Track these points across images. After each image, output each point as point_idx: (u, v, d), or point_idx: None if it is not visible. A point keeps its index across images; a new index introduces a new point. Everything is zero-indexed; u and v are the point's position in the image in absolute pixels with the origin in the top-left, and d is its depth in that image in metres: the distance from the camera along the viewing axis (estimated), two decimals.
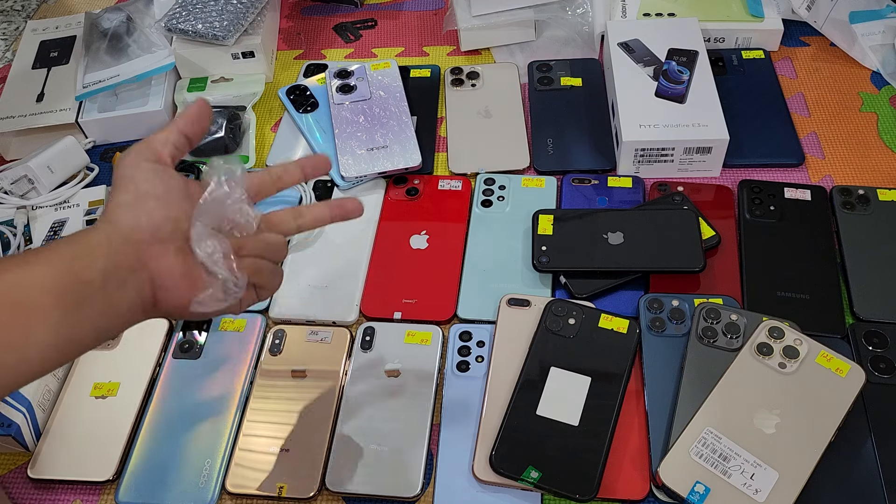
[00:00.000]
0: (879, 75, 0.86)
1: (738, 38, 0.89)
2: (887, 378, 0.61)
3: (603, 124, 0.83)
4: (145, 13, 0.95)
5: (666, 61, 0.81)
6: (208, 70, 0.92)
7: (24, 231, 0.78)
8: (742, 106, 0.82)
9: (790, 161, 0.79)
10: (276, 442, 0.63)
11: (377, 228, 0.77)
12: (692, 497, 0.55)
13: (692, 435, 0.57)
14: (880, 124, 0.82)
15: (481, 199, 0.78)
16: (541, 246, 0.71)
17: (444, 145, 0.84)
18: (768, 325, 0.62)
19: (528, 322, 0.66)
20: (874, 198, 0.73)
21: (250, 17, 0.90)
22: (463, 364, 0.66)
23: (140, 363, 0.68)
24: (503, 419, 0.61)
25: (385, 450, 0.62)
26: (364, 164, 0.79)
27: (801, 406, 0.58)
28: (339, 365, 0.67)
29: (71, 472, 0.62)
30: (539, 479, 0.58)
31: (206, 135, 0.54)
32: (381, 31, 0.99)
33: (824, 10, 0.88)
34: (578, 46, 0.92)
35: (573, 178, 0.78)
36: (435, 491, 0.60)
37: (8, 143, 0.89)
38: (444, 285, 0.71)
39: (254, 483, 0.61)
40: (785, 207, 0.73)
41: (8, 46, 1.06)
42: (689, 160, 0.77)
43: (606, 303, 0.69)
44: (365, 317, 0.71)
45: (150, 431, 0.64)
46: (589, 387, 0.62)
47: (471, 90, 0.88)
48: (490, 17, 0.91)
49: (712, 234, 0.71)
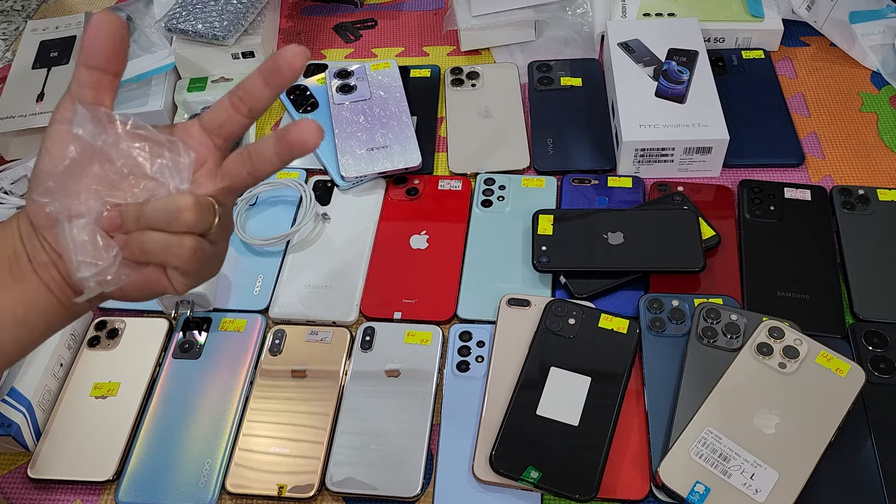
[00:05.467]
0: (879, 75, 0.86)
1: (738, 38, 0.89)
2: (887, 378, 0.61)
3: (603, 124, 0.83)
4: (145, 13, 0.95)
5: (666, 61, 0.81)
6: (208, 70, 0.92)
7: None
8: (742, 106, 0.82)
9: (790, 161, 0.79)
10: (276, 442, 0.63)
11: (377, 228, 0.77)
12: (692, 497, 0.55)
13: (692, 435, 0.57)
14: (880, 124, 0.82)
15: (481, 199, 0.78)
16: (541, 246, 0.71)
17: (444, 145, 0.84)
18: (768, 325, 0.62)
19: (528, 322, 0.66)
20: (874, 198, 0.73)
21: (250, 17, 0.90)
22: (463, 364, 0.66)
23: (140, 363, 0.68)
24: (503, 419, 0.61)
25: (385, 450, 0.62)
26: (364, 164, 0.79)
27: (801, 406, 0.58)
28: (339, 365, 0.67)
29: (71, 472, 0.62)
30: (539, 479, 0.58)
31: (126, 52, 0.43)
32: (381, 31, 0.99)
33: (824, 10, 0.88)
34: (578, 46, 0.92)
35: (573, 178, 0.78)
36: (435, 491, 0.60)
37: (8, 143, 0.89)
38: (443, 285, 0.71)
39: (254, 483, 0.61)
40: (785, 207, 0.73)
41: (8, 46, 1.06)
42: (689, 160, 0.77)
43: (606, 303, 0.69)
44: (365, 317, 0.71)
45: (150, 431, 0.64)
46: (589, 387, 0.62)
47: (471, 90, 0.88)
48: (490, 17, 0.91)
49: (712, 234, 0.71)
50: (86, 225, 0.42)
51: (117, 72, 0.43)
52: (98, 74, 0.43)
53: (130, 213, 0.42)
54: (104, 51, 0.42)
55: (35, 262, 0.44)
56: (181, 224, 0.42)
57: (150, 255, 0.43)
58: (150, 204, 0.42)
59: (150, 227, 0.42)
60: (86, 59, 0.42)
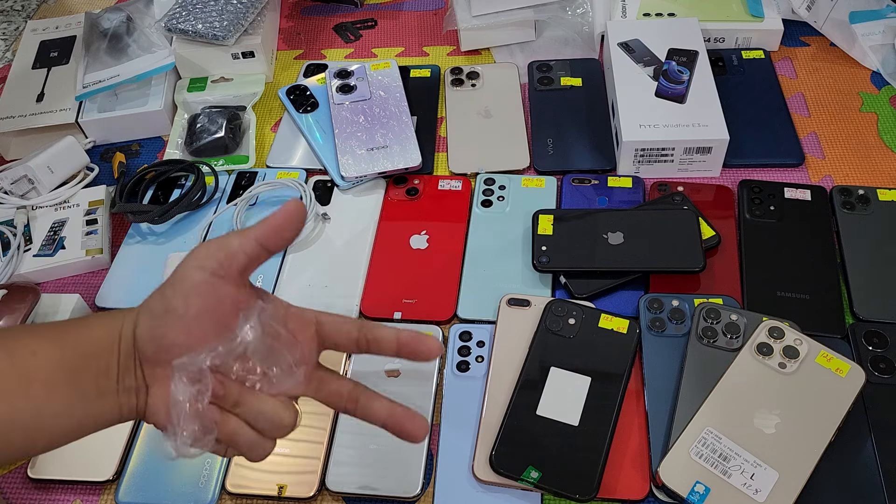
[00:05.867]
0: (879, 75, 0.86)
1: (738, 38, 0.89)
2: (887, 378, 0.61)
3: (603, 124, 0.83)
4: (145, 13, 0.95)
5: (666, 61, 0.81)
6: (208, 70, 0.92)
7: (24, 231, 0.78)
8: (742, 106, 0.82)
9: (790, 161, 0.79)
10: None
11: (377, 228, 0.77)
12: (692, 497, 0.55)
13: (692, 435, 0.57)
14: (880, 124, 0.82)
15: (481, 199, 0.78)
16: (541, 246, 0.71)
17: (444, 145, 0.84)
18: (768, 325, 0.62)
19: (528, 322, 0.66)
20: (874, 198, 0.73)
21: (250, 17, 0.90)
22: (463, 364, 0.66)
23: None
24: (503, 419, 0.61)
25: (385, 450, 0.62)
26: (364, 164, 0.79)
27: (801, 406, 0.58)
28: (339, 365, 0.67)
29: (71, 472, 0.62)
30: (539, 479, 0.58)
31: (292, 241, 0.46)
32: (381, 31, 0.99)
33: (824, 10, 0.88)
34: (578, 46, 0.92)
35: (573, 178, 0.78)
36: (435, 491, 0.60)
37: (8, 143, 0.89)
38: (444, 285, 0.71)
39: (254, 483, 0.61)
40: (785, 207, 0.73)
41: (8, 46, 1.06)
42: (689, 160, 0.77)
43: (606, 303, 0.69)
44: (365, 317, 0.71)
45: (150, 431, 0.64)
46: (589, 387, 0.62)
47: (471, 90, 0.88)
48: (490, 17, 0.91)
49: (712, 234, 0.71)
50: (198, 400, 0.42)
51: (274, 253, 0.45)
52: (263, 252, 0.44)
53: (233, 395, 0.43)
54: (284, 239, 0.45)
55: (121, 384, 0.43)
56: (276, 435, 0.45)
57: (236, 445, 0.44)
58: (264, 404, 0.44)
59: (248, 422, 0.44)
60: (264, 237, 0.44)
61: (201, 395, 0.42)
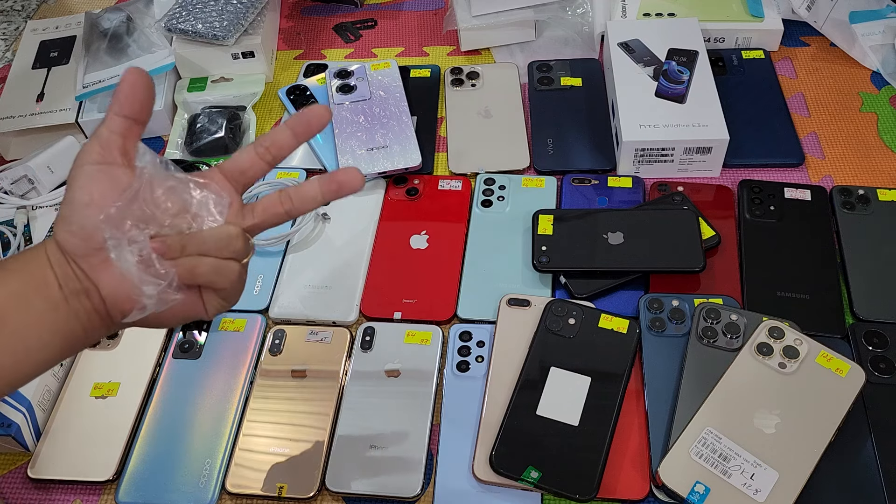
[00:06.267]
0: (879, 75, 0.86)
1: (738, 38, 0.89)
2: (887, 378, 0.61)
3: (603, 124, 0.83)
4: (145, 13, 0.95)
5: (666, 61, 0.81)
6: (208, 70, 0.92)
7: (24, 231, 0.78)
8: (742, 106, 0.82)
9: (790, 161, 0.79)
10: (276, 442, 0.63)
11: (377, 228, 0.77)
12: (692, 497, 0.55)
13: (692, 435, 0.57)
14: (880, 124, 0.82)
15: (481, 199, 0.78)
16: (541, 246, 0.71)
17: (444, 145, 0.84)
18: (768, 325, 0.62)
19: (528, 322, 0.66)
20: (874, 198, 0.73)
21: (250, 17, 0.90)
22: (463, 364, 0.66)
23: (140, 363, 0.68)
24: (503, 419, 0.61)
25: (385, 450, 0.62)
26: (364, 164, 0.79)
27: (801, 406, 0.58)
28: (339, 365, 0.67)
29: (71, 472, 0.62)
30: (539, 479, 0.58)
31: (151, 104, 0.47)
32: (381, 31, 0.99)
33: (824, 10, 0.88)
34: (578, 46, 0.92)
35: (573, 178, 0.78)
36: (435, 491, 0.60)
37: (8, 143, 0.89)
38: (444, 285, 0.71)
39: (254, 483, 0.61)
40: (785, 207, 0.73)
41: (8, 46, 1.06)
42: (689, 160, 0.77)
43: (606, 303, 0.69)
44: (365, 317, 0.71)
45: (150, 431, 0.64)
46: (589, 387, 0.62)
47: (471, 90, 0.88)
48: (490, 17, 0.91)
49: (712, 234, 0.71)
50: (143, 250, 0.44)
51: (145, 121, 0.47)
52: (129, 122, 0.46)
53: (175, 243, 0.45)
54: (139, 102, 0.46)
55: (66, 289, 0.44)
56: (230, 250, 0.46)
57: (199, 277, 0.46)
58: (205, 232, 0.46)
59: (201, 253, 0.46)
60: (120, 109, 0.46)
61: (143, 247, 0.44)
